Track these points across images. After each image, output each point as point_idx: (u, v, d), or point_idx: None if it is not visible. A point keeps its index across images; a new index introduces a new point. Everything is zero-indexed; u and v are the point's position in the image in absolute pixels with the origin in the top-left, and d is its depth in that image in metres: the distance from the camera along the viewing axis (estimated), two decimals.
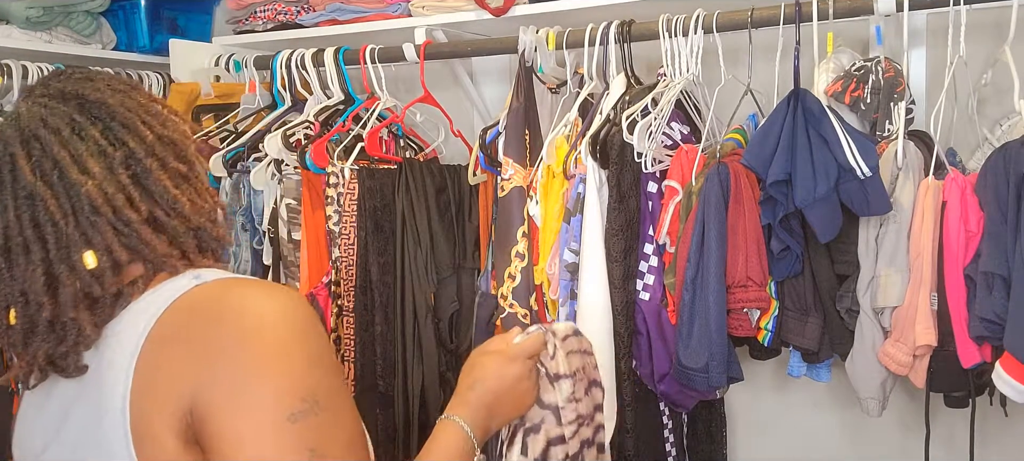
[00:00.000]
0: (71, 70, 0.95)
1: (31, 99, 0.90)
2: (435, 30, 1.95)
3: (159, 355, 0.82)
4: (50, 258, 0.85)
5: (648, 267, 1.58)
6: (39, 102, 0.89)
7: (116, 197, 0.87)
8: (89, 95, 0.90)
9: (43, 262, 0.85)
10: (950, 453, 1.84)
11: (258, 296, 0.85)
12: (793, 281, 1.55)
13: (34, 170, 0.86)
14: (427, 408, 1.80)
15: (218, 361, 0.80)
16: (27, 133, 0.87)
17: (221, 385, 0.80)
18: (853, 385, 1.54)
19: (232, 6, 2.24)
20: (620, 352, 1.58)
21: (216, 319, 0.83)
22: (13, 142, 0.87)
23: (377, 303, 1.82)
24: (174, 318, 0.84)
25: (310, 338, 0.85)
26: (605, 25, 1.69)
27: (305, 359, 0.83)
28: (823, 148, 1.41)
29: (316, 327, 0.86)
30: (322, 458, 0.81)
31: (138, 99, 0.94)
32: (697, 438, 1.83)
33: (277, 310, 0.84)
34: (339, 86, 1.98)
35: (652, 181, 1.59)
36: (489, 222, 1.80)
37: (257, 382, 0.80)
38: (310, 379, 0.82)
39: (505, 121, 1.72)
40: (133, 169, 0.89)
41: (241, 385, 0.80)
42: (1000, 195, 1.33)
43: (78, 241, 0.86)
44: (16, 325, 0.87)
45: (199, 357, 0.81)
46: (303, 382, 0.81)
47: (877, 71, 1.53)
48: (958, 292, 1.40)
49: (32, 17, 2.04)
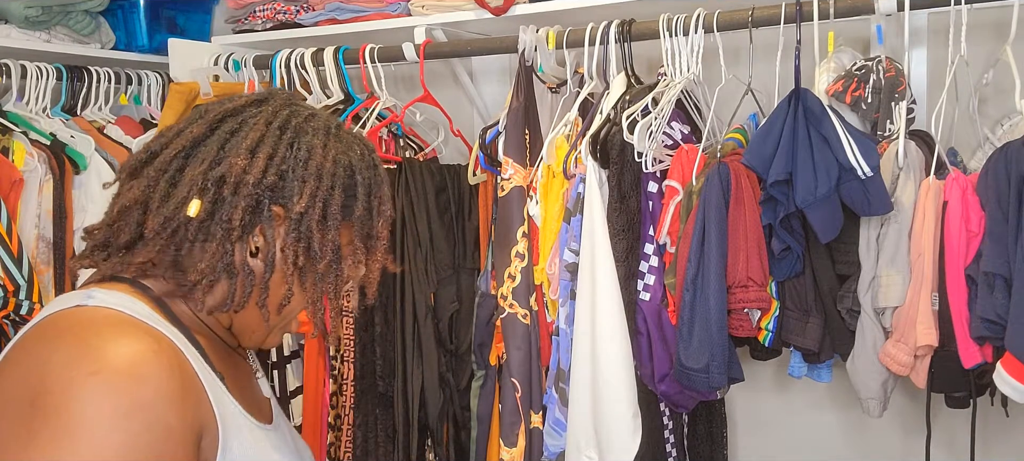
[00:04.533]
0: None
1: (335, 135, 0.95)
2: (435, 29, 1.94)
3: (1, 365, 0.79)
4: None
5: (648, 267, 1.58)
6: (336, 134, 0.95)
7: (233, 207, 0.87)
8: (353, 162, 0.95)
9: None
10: (951, 454, 1.84)
11: (85, 350, 0.76)
12: (794, 281, 1.55)
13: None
14: (427, 408, 1.79)
15: (8, 408, 0.74)
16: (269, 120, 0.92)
17: (5, 441, 0.72)
18: (854, 385, 1.53)
19: (231, 5, 2.23)
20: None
21: (40, 357, 0.76)
22: (260, 116, 0.92)
23: (377, 303, 1.81)
24: (32, 332, 0.80)
25: (113, 423, 0.72)
26: (605, 24, 1.68)
27: (94, 445, 0.71)
28: (824, 148, 1.41)
29: (128, 402, 0.73)
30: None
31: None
32: (697, 438, 1.83)
33: (85, 374, 0.73)
34: (338, 86, 1.98)
35: (652, 181, 1.59)
36: (489, 222, 1.80)
37: (37, 454, 0.71)
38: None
39: (505, 121, 1.72)
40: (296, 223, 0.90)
41: (21, 449, 0.71)
42: (1001, 195, 1.33)
43: (191, 191, 0.87)
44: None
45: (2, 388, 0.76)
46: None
47: (878, 71, 1.53)
48: (959, 292, 1.39)
49: (31, 16, 2.04)
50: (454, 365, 1.85)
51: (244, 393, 0.94)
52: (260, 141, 0.89)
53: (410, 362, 1.80)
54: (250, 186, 0.87)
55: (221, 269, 0.88)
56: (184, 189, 0.87)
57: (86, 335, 0.78)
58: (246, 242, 0.89)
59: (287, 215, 0.89)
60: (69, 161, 1.91)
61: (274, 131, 0.91)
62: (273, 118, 0.92)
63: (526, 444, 1.68)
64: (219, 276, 0.88)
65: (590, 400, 1.55)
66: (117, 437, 0.72)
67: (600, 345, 1.53)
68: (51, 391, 0.73)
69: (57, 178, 1.86)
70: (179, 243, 0.87)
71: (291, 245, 0.90)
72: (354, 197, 0.94)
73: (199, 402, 0.81)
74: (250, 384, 1.01)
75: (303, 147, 0.91)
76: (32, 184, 1.83)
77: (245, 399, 0.93)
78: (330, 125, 0.96)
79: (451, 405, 1.84)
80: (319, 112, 0.98)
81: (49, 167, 1.86)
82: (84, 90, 2.15)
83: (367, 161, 0.96)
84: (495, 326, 1.72)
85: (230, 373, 0.92)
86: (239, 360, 1.00)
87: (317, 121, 0.95)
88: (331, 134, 0.94)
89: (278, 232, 0.90)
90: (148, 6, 2.30)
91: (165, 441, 0.74)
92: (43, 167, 1.85)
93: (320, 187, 0.90)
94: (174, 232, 0.86)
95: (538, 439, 1.67)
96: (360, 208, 0.94)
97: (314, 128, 0.93)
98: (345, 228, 0.94)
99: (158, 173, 0.88)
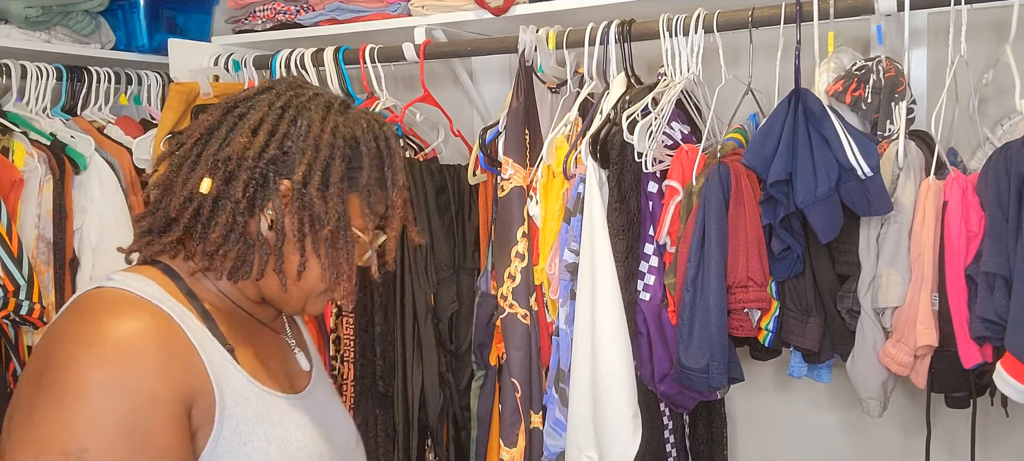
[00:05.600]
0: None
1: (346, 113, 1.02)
2: (435, 29, 1.94)
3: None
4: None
5: (648, 267, 1.58)
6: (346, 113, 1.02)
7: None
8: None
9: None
10: (951, 454, 1.84)
11: (88, 327, 0.87)
12: (794, 281, 1.55)
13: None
14: (427, 408, 1.79)
15: (27, 375, 0.87)
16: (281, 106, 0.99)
17: (21, 404, 0.85)
18: (854, 385, 1.54)
19: (231, 5, 2.23)
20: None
21: (55, 332, 0.89)
22: (271, 106, 0.99)
23: (377, 303, 1.81)
24: (62, 312, 0.93)
25: (100, 389, 0.83)
26: (605, 24, 1.68)
27: (83, 410, 0.82)
28: (824, 148, 1.41)
29: (116, 372, 0.84)
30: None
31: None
32: (698, 439, 1.83)
33: (82, 346, 0.84)
34: (339, 86, 1.98)
35: (652, 181, 1.59)
36: (489, 222, 1.80)
37: (39, 416, 0.82)
38: (83, 434, 0.81)
39: (505, 121, 1.72)
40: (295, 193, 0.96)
41: (28, 411, 0.83)
42: (1001, 195, 1.33)
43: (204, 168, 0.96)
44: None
45: (31, 362, 0.89)
46: (78, 432, 0.81)
47: (878, 71, 1.53)
48: (959, 292, 1.39)
49: (31, 17, 2.04)
50: (454, 365, 1.85)
51: (269, 363, 1.03)
52: (262, 120, 0.97)
53: (410, 362, 1.80)
54: (250, 161, 0.94)
55: (234, 240, 0.95)
56: (201, 171, 0.96)
57: (91, 314, 0.89)
58: (259, 215, 0.96)
59: (293, 186, 0.96)
60: (69, 161, 1.91)
61: (276, 110, 0.98)
62: (276, 99, 1.00)
63: (526, 444, 1.68)
64: (233, 247, 0.95)
65: (590, 400, 1.55)
66: (104, 402, 0.82)
67: (600, 345, 1.53)
68: (54, 364, 0.84)
69: (57, 178, 1.86)
70: (198, 220, 0.95)
71: (296, 213, 0.96)
72: (359, 167, 0.99)
73: (191, 372, 0.89)
74: (279, 356, 1.08)
75: (303, 122, 0.98)
76: (32, 184, 1.83)
77: (267, 370, 1.01)
78: (333, 102, 1.01)
79: (451, 405, 1.84)
80: (325, 93, 1.03)
81: (49, 167, 1.85)
82: (84, 90, 2.15)
83: (375, 132, 1.01)
84: (495, 326, 1.72)
85: (249, 346, 1.00)
86: (270, 335, 1.08)
87: (319, 100, 1.01)
88: (333, 110, 1.00)
89: (285, 202, 0.96)
90: (148, 6, 2.30)
91: (148, 406, 0.84)
92: (43, 167, 1.85)
93: (318, 156, 0.96)
94: (195, 211, 0.95)
95: (538, 439, 1.67)
96: (367, 177, 0.99)
97: (315, 105, 1.00)
98: (353, 197, 0.99)
99: (181, 159, 0.98)
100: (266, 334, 1.07)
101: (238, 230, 0.95)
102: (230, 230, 0.95)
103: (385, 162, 1.02)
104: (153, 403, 0.84)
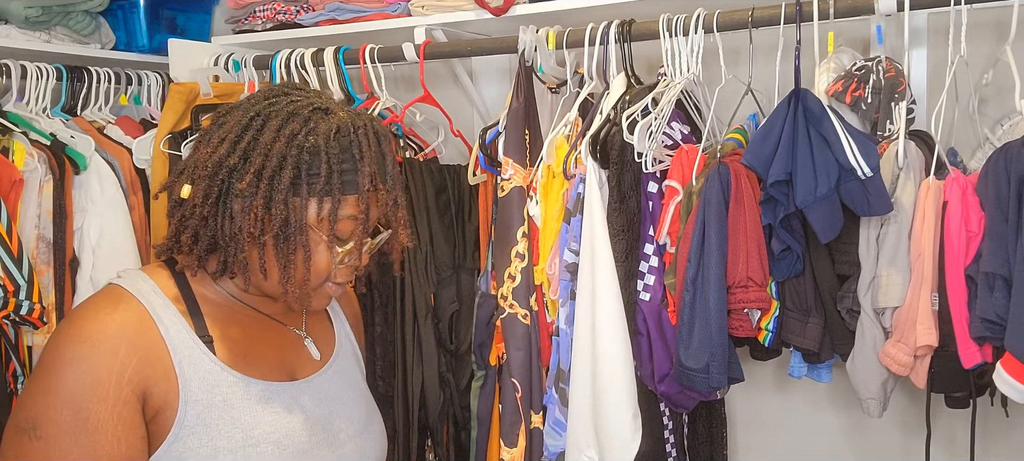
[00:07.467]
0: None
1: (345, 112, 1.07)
2: (435, 30, 1.94)
3: None
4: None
5: (648, 267, 1.58)
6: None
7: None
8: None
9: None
10: (951, 454, 1.84)
11: (73, 313, 1.02)
12: (794, 281, 1.55)
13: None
14: (427, 408, 1.80)
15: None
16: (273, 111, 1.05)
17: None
18: (854, 386, 1.53)
19: (231, 6, 2.23)
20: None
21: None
22: (269, 110, 1.05)
23: (377, 303, 1.81)
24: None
25: (59, 366, 0.95)
26: (605, 25, 1.68)
27: (41, 384, 0.95)
28: (824, 148, 1.41)
29: (74, 353, 0.96)
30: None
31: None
32: (697, 439, 1.83)
33: (61, 329, 1.00)
34: (339, 86, 1.97)
35: (652, 181, 1.59)
36: (489, 222, 1.80)
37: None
38: (36, 405, 0.95)
39: (505, 121, 1.72)
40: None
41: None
42: (1001, 195, 1.33)
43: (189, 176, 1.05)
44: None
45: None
46: (33, 403, 0.95)
47: (878, 71, 1.53)
48: (959, 292, 1.39)
49: (31, 17, 2.04)
50: (454, 365, 1.85)
51: (261, 353, 1.10)
52: (231, 129, 1.04)
53: (410, 362, 1.80)
54: (210, 168, 1.02)
55: (206, 240, 1.04)
56: (185, 177, 1.05)
57: (84, 306, 1.03)
58: (224, 220, 1.03)
59: (242, 191, 1.02)
60: (69, 161, 1.90)
61: (247, 119, 1.04)
62: (251, 108, 1.05)
63: (526, 444, 1.68)
64: (207, 246, 1.05)
65: (590, 400, 1.55)
66: (58, 380, 0.95)
67: (600, 345, 1.53)
68: (47, 346, 0.99)
69: (57, 178, 1.86)
70: (184, 223, 1.04)
71: (245, 216, 1.02)
72: (316, 173, 1.02)
73: (149, 363, 0.99)
74: (280, 347, 1.14)
75: (266, 131, 1.03)
76: (32, 184, 1.83)
77: (253, 359, 1.08)
78: (303, 110, 1.04)
79: (451, 405, 1.85)
80: (305, 99, 1.06)
81: (49, 167, 1.85)
82: (84, 90, 2.15)
83: (351, 137, 1.04)
84: (495, 326, 1.72)
85: (239, 338, 1.08)
86: (273, 327, 1.15)
87: (291, 107, 1.04)
88: (296, 117, 1.03)
89: (240, 207, 1.03)
90: (148, 6, 2.30)
91: (92, 388, 0.95)
92: (43, 167, 1.84)
93: (267, 164, 1.01)
94: (180, 215, 1.05)
95: (538, 439, 1.67)
96: (325, 182, 1.02)
97: (280, 114, 1.04)
98: (311, 201, 1.03)
99: (182, 166, 1.07)
100: (269, 326, 1.14)
101: (208, 233, 1.04)
102: (202, 230, 1.04)
103: (360, 166, 1.04)
104: (96, 386, 0.95)
